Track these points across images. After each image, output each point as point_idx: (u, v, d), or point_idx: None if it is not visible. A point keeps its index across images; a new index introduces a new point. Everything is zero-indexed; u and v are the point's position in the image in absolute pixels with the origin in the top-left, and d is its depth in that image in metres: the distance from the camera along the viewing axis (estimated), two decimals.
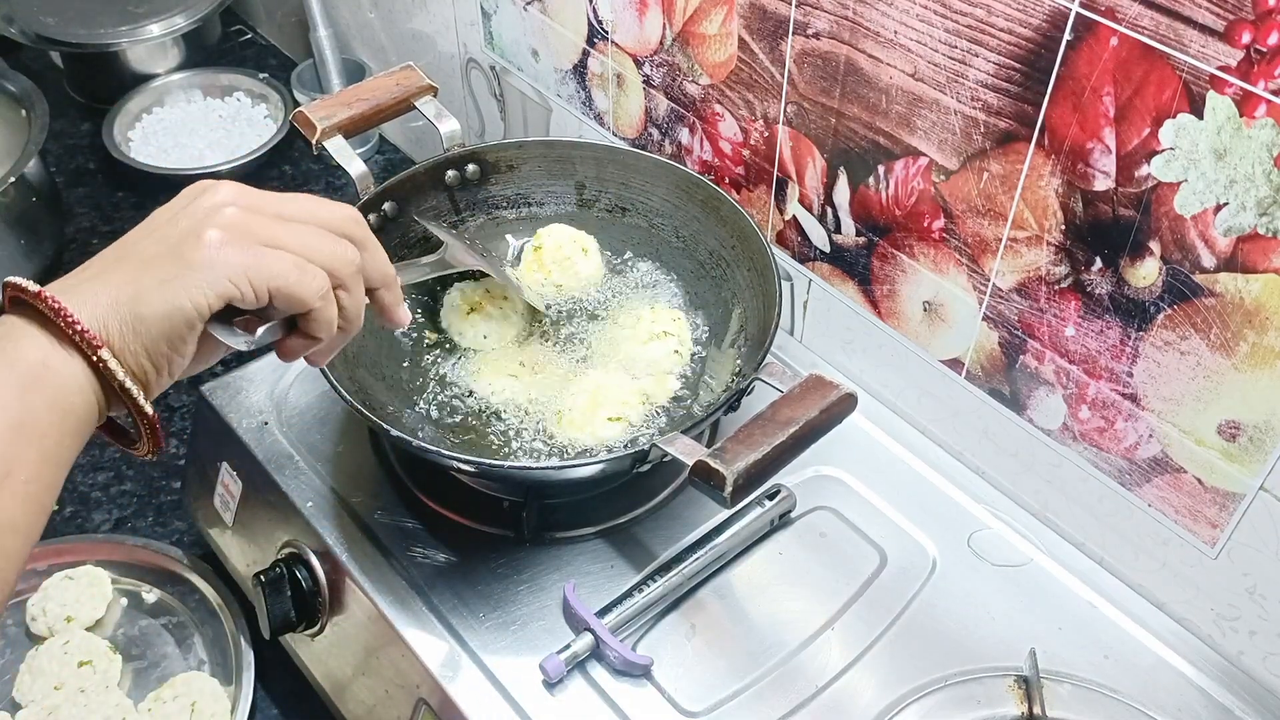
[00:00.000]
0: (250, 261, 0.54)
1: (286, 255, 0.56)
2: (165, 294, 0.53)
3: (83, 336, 0.51)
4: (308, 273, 0.56)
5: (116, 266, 0.54)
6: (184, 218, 0.56)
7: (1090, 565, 0.85)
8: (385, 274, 0.63)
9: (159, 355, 0.53)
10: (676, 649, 0.79)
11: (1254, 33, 0.60)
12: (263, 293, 0.55)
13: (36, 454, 0.51)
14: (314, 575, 0.86)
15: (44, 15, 1.51)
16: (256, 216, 0.56)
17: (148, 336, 0.53)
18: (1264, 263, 0.66)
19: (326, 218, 0.59)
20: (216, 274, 0.53)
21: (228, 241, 0.54)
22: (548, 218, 1.02)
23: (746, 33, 0.90)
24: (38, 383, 0.51)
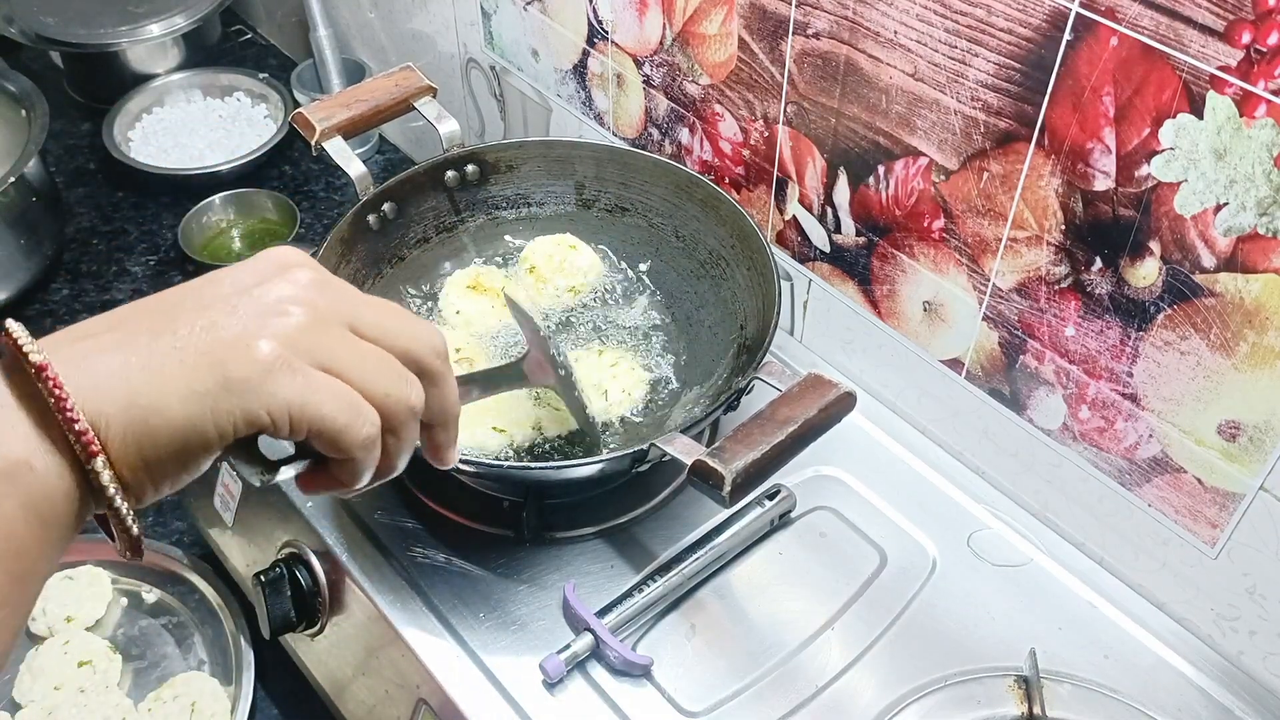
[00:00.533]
0: (298, 394, 0.45)
1: (341, 390, 0.47)
2: (189, 411, 0.44)
3: (79, 438, 0.42)
4: (359, 416, 0.47)
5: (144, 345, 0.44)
6: (244, 306, 0.46)
7: (1090, 565, 0.85)
8: (448, 413, 0.53)
9: (160, 474, 0.45)
10: (676, 649, 0.79)
11: (1254, 33, 0.60)
12: (301, 430, 0.46)
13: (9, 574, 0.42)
14: (314, 575, 0.86)
15: (44, 15, 1.51)
16: (324, 328, 0.47)
17: (153, 452, 0.44)
18: (1264, 263, 0.66)
19: (404, 343, 0.50)
20: (255, 402, 0.45)
21: (280, 362, 0.45)
22: (547, 218, 1.02)
23: (746, 33, 0.90)
24: (16, 486, 0.42)
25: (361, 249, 0.93)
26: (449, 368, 0.52)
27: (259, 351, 0.45)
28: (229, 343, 0.45)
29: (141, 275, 1.32)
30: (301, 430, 0.46)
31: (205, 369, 0.44)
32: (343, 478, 0.50)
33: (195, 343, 0.45)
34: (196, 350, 0.44)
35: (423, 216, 0.98)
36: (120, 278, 1.32)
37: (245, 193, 1.37)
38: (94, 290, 1.30)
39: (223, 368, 0.44)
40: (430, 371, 0.51)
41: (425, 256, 0.99)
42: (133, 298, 1.27)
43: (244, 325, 0.45)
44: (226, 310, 0.46)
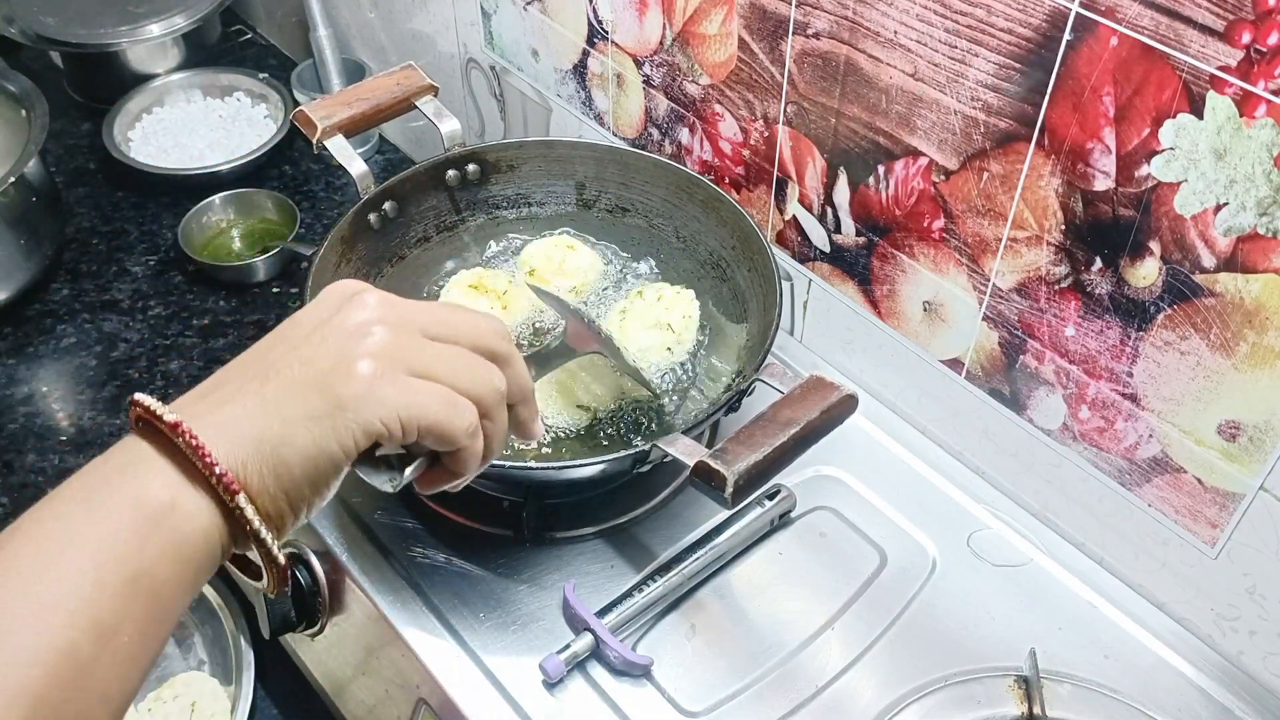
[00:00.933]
0: (403, 400, 0.49)
1: (437, 390, 0.51)
2: (313, 434, 0.48)
3: (220, 480, 0.46)
4: (459, 409, 0.51)
5: (255, 390, 0.48)
6: (331, 337, 0.50)
7: (1090, 565, 0.85)
8: (525, 389, 0.57)
9: (299, 499, 0.49)
10: (676, 649, 0.79)
11: (1254, 33, 0.60)
12: (413, 432, 0.50)
13: (148, 611, 0.45)
14: (314, 575, 0.86)
15: (44, 15, 1.51)
16: (405, 339, 0.51)
17: (289, 480, 0.48)
18: (1264, 263, 0.66)
19: (473, 336, 0.54)
20: (368, 414, 0.49)
21: (380, 375, 0.49)
22: (548, 218, 1.02)
23: (746, 33, 0.90)
24: (161, 527, 0.45)
25: (362, 248, 0.93)
26: (515, 349, 0.56)
27: (360, 370, 0.49)
28: (329, 369, 0.49)
29: (141, 275, 1.32)
30: (413, 432, 0.50)
31: (317, 396, 0.48)
32: (455, 468, 0.54)
33: (300, 377, 0.49)
34: (303, 383, 0.49)
35: (423, 216, 0.98)
36: (120, 278, 1.32)
37: (245, 193, 1.37)
38: (94, 290, 1.30)
39: (332, 391, 0.48)
40: (501, 355, 0.55)
41: (426, 256, 0.99)
42: (133, 298, 1.28)
43: (337, 352, 0.50)
44: (316, 343, 0.50)
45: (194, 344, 1.24)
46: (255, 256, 1.31)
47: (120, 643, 0.44)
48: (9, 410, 1.17)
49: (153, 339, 1.24)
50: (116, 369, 1.21)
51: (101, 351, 1.23)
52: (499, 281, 0.95)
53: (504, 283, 0.95)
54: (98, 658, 0.43)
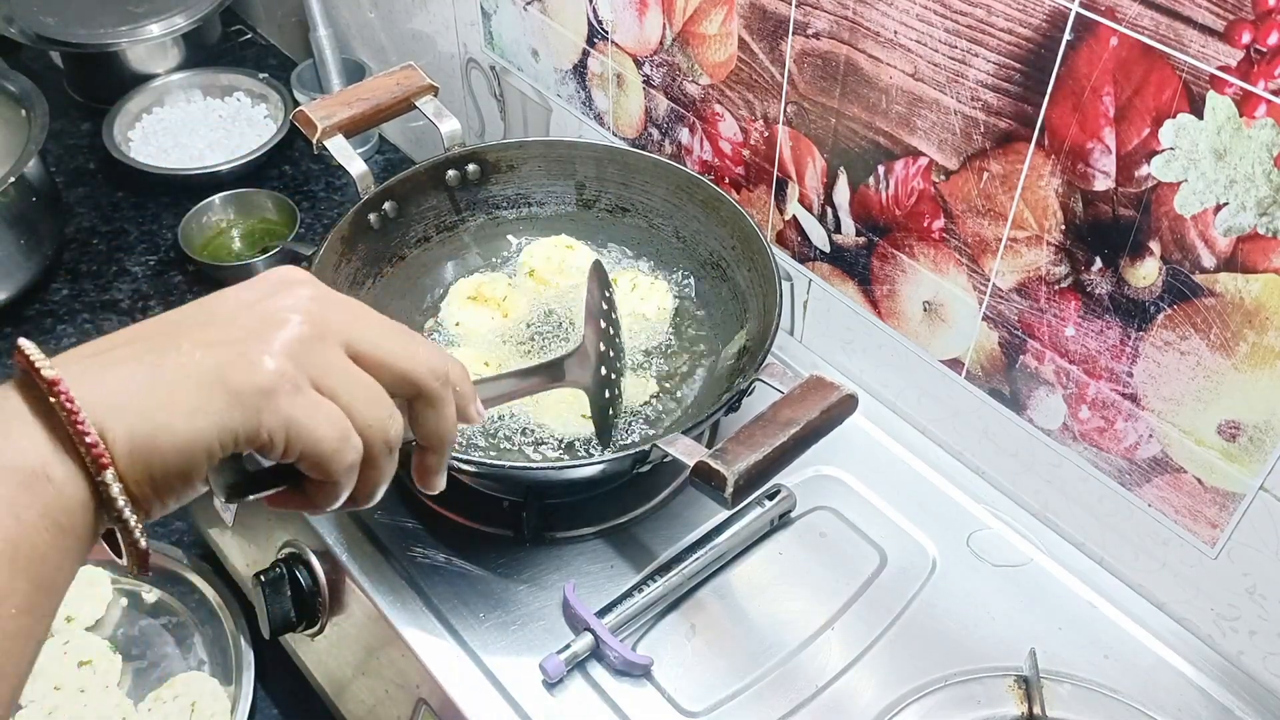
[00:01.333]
0: (296, 417, 0.46)
1: (333, 412, 0.47)
2: (195, 427, 0.44)
3: (89, 450, 0.43)
4: (346, 444, 0.48)
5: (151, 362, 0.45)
6: (251, 319, 0.47)
7: (1090, 565, 0.85)
8: (443, 438, 0.53)
9: (166, 489, 0.46)
10: (676, 649, 0.79)
11: (1254, 33, 0.60)
12: (293, 452, 0.47)
13: (31, 582, 0.42)
14: (314, 575, 0.86)
15: (44, 15, 1.51)
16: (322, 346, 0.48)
17: (160, 467, 0.45)
18: (1264, 263, 0.66)
19: (402, 367, 0.50)
20: (259, 417, 0.45)
21: (283, 380, 0.46)
22: (548, 217, 1.02)
23: (746, 33, 0.90)
24: (37, 496, 0.42)
25: (362, 248, 0.93)
26: (448, 392, 0.52)
27: (264, 366, 0.46)
28: (232, 360, 0.45)
29: (141, 275, 1.32)
30: (294, 451, 0.47)
31: (209, 385, 0.45)
32: (317, 500, 0.50)
33: (200, 360, 0.45)
34: (200, 367, 0.45)
35: (423, 216, 0.98)
36: (120, 278, 1.32)
37: (245, 193, 1.37)
38: (94, 290, 1.30)
39: (228, 385, 0.45)
40: (428, 394, 0.51)
41: (426, 256, 0.99)
42: (133, 298, 1.28)
43: (245, 338, 0.46)
44: (228, 326, 0.47)
45: None
46: (255, 256, 1.31)
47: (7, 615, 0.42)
48: None
49: None
50: None
51: None
52: (498, 288, 0.95)
53: (503, 288, 0.95)
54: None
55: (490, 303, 0.94)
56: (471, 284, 0.96)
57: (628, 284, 0.95)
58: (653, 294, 0.94)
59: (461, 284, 0.96)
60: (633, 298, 0.94)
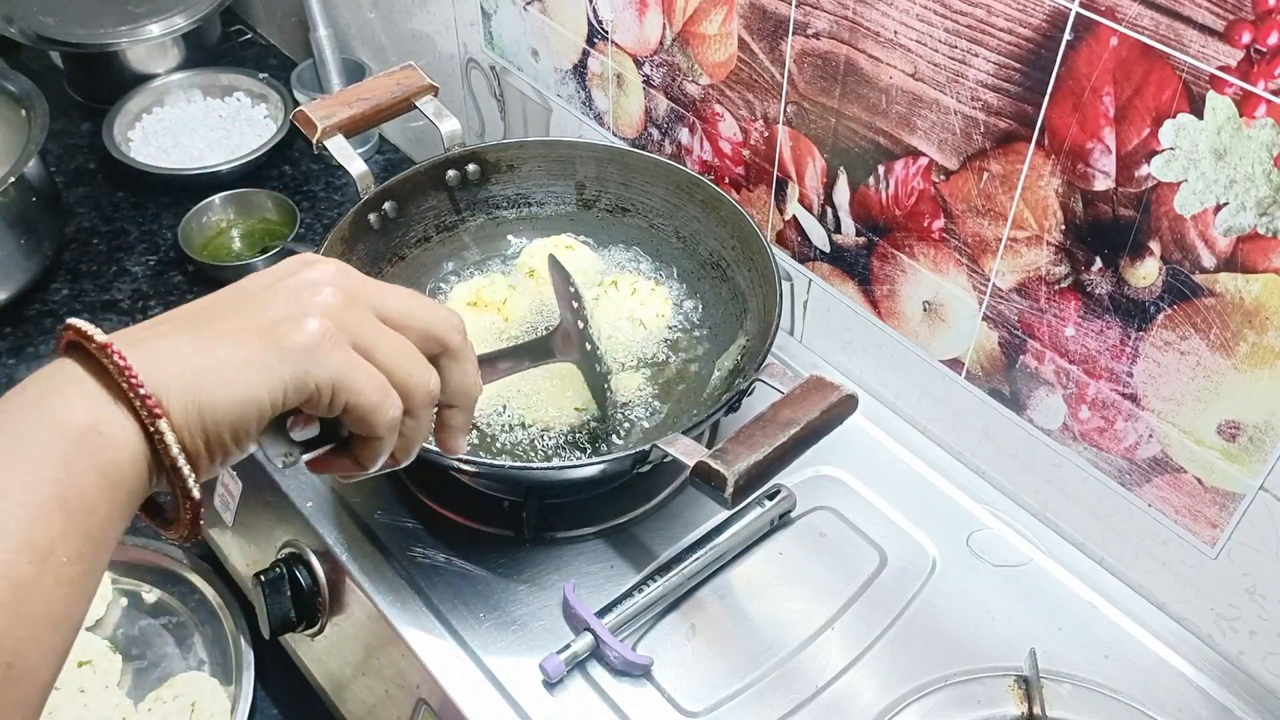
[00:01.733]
0: (341, 370, 0.48)
1: (373, 370, 0.49)
2: (247, 379, 0.46)
3: (143, 401, 0.44)
4: (388, 399, 0.50)
5: (195, 329, 0.47)
6: (282, 292, 0.49)
7: (1090, 565, 0.85)
8: (468, 392, 0.55)
9: (217, 443, 0.47)
10: (676, 649, 0.79)
11: (1254, 33, 0.60)
12: (339, 406, 0.49)
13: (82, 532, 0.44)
14: (314, 575, 0.86)
15: (44, 15, 1.51)
16: (357, 311, 0.50)
17: (211, 420, 0.46)
18: (1264, 263, 0.66)
19: (426, 325, 0.52)
20: (307, 371, 0.47)
21: (328, 337, 0.48)
22: (548, 218, 1.02)
23: (746, 33, 0.90)
24: (88, 449, 0.44)
25: (362, 248, 0.93)
26: (470, 346, 0.55)
27: (309, 325, 0.48)
28: (278, 319, 0.48)
29: (141, 275, 1.32)
30: (340, 405, 0.49)
31: (259, 343, 0.47)
32: (362, 458, 0.52)
33: (246, 324, 0.48)
34: (248, 329, 0.47)
35: (423, 215, 0.98)
36: (120, 278, 1.32)
37: (245, 193, 1.37)
38: (94, 290, 1.30)
39: (275, 340, 0.47)
40: (453, 349, 0.53)
41: (426, 256, 0.99)
42: (133, 298, 1.28)
43: (288, 305, 0.49)
44: (266, 296, 0.49)
45: None
46: (255, 256, 1.31)
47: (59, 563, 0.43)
48: None
49: None
50: None
51: None
52: (497, 291, 0.95)
53: (503, 290, 0.95)
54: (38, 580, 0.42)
55: (490, 307, 0.94)
56: (471, 289, 0.96)
57: (628, 288, 0.95)
58: (652, 299, 0.94)
59: (461, 289, 0.96)
60: (632, 301, 0.94)
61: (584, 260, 0.98)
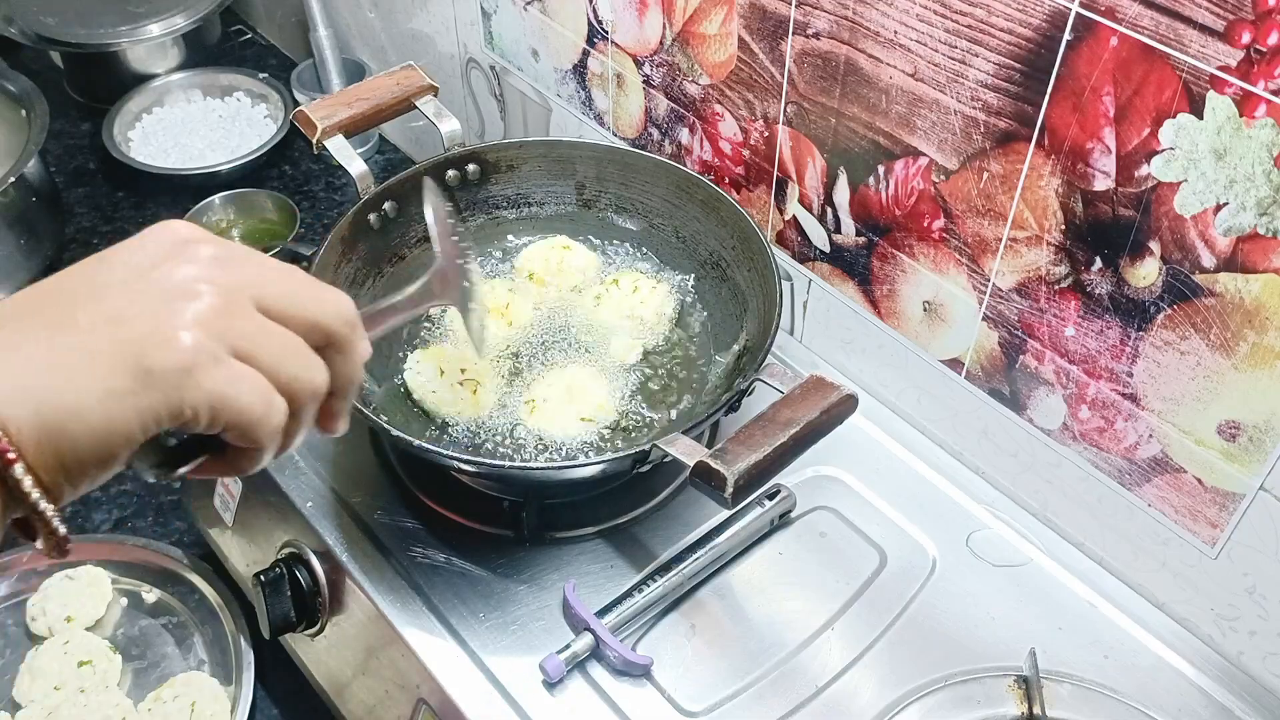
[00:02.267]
0: (220, 388, 0.44)
1: (256, 380, 0.45)
2: (109, 411, 0.41)
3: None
4: (271, 410, 0.46)
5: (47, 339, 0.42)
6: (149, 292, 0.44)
7: (1090, 565, 0.85)
8: (351, 382, 0.51)
9: (79, 475, 0.42)
10: (676, 649, 0.79)
11: (1254, 33, 0.60)
12: (219, 424, 0.45)
13: None
14: (314, 575, 0.86)
15: (44, 15, 1.51)
16: (236, 310, 0.45)
17: (72, 455, 0.41)
18: (1264, 263, 0.66)
19: (313, 316, 0.48)
20: (181, 397, 0.43)
21: (204, 354, 0.43)
22: (548, 218, 1.02)
23: (746, 33, 0.90)
24: None
25: (362, 248, 0.93)
26: (358, 334, 0.51)
27: (181, 343, 0.43)
28: (145, 335, 0.43)
29: None
30: (219, 423, 0.45)
31: (122, 365, 0.42)
32: (242, 464, 0.49)
33: (104, 337, 0.42)
34: (107, 345, 0.42)
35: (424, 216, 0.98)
36: None
37: (245, 193, 1.37)
38: None
39: (141, 362, 0.42)
40: (339, 341, 0.49)
41: (426, 256, 0.99)
42: None
43: (155, 314, 0.43)
44: (128, 297, 0.43)
45: None
46: None
47: None
48: None
49: None
50: None
51: None
52: (499, 296, 0.95)
53: (504, 294, 0.95)
54: None
55: (493, 313, 0.93)
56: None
57: (629, 286, 0.95)
58: (653, 297, 0.94)
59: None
60: (633, 300, 0.94)
61: (582, 259, 0.98)
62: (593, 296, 0.95)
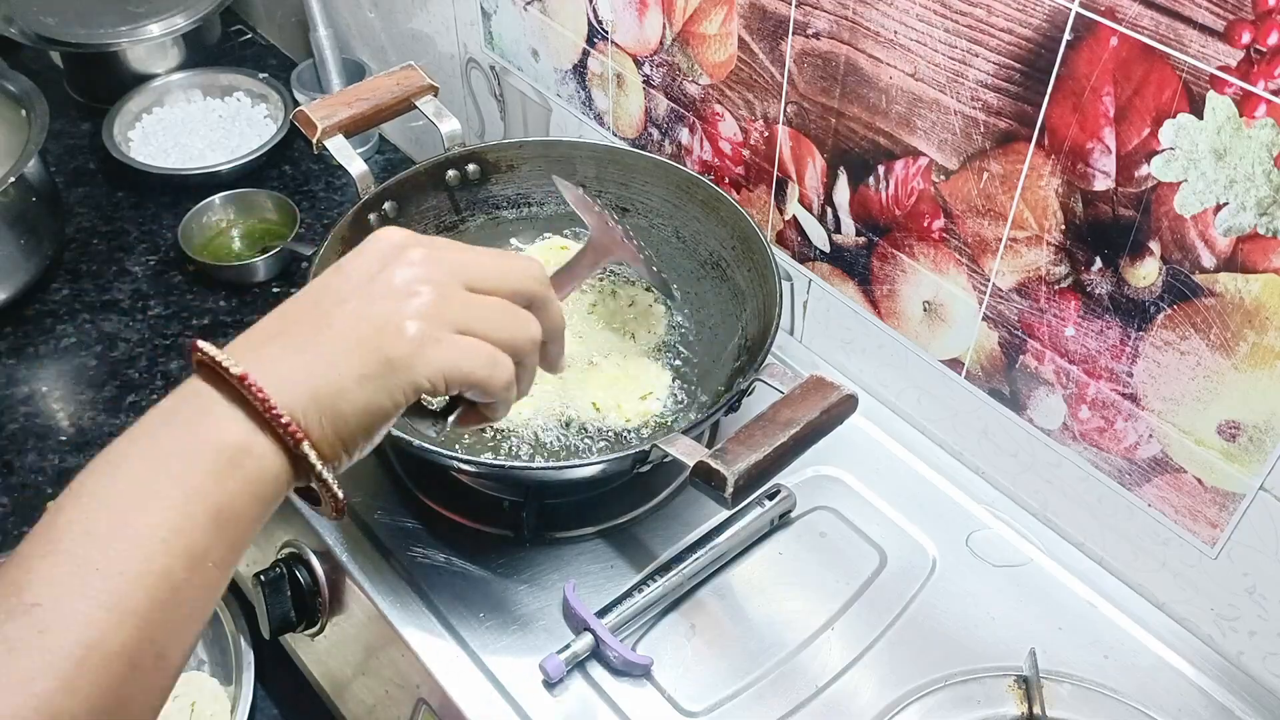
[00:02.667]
0: (448, 360, 0.53)
1: (477, 346, 0.55)
2: (366, 391, 0.52)
3: (285, 429, 0.50)
4: (496, 365, 0.55)
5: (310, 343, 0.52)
6: (379, 294, 0.54)
7: (1090, 565, 0.85)
8: (557, 328, 0.61)
9: (353, 443, 0.53)
10: (676, 649, 0.79)
11: (1254, 33, 0.60)
12: (455, 387, 0.55)
13: (228, 540, 0.50)
14: (314, 575, 0.86)
15: (44, 15, 1.50)
16: (450, 295, 0.54)
17: (345, 429, 0.52)
18: (1264, 263, 0.66)
19: (513, 284, 0.57)
20: (416, 374, 0.53)
21: (426, 336, 0.53)
22: (548, 218, 1.02)
23: (746, 33, 0.90)
24: (238, 467, 0.50)
25: None
26: (550, 289, 0.60)
27: (408, 332, 0.52)
28: (380, 329, 0.52)
29: (141, 275, 1.32)
30: (455, 387, 0.54)
31: (369, 355, 0.52)
32: (490, 413, 0.59)
33: (351, 333, 0.52)
34: (355, 341, 0.52)
35: (424, 216, 0.98)
36: (120, 278, 1.32)
37: (245, 193, 1.37)
38: (94, 290, 1.30)
39: (382, 351, 0.52)
40: (539, 299, 0.59)
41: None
42: (133, 298, 1.28)
43: (386, 311, 0.53)
44: (365, 300, 0.53)
45: None
46: (255, 256, 1.31)
47: (206, 568, 0.49)
48: (9, 410, 1.17)
49: (153, 339, 1.24)
50: (116, 369, 1.21)
51: (101, 351, 1.23)
52: None
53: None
54: (189, 581, 0.48)
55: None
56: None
57: (625, 300, 0.95)
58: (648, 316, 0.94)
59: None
60: (628, 314, 0.94)
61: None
62: (588, 303, 0.95)
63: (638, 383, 0.88)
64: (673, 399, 0.89)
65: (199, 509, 0.49)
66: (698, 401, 0.89)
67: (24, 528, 1.07)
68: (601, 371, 0.90)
